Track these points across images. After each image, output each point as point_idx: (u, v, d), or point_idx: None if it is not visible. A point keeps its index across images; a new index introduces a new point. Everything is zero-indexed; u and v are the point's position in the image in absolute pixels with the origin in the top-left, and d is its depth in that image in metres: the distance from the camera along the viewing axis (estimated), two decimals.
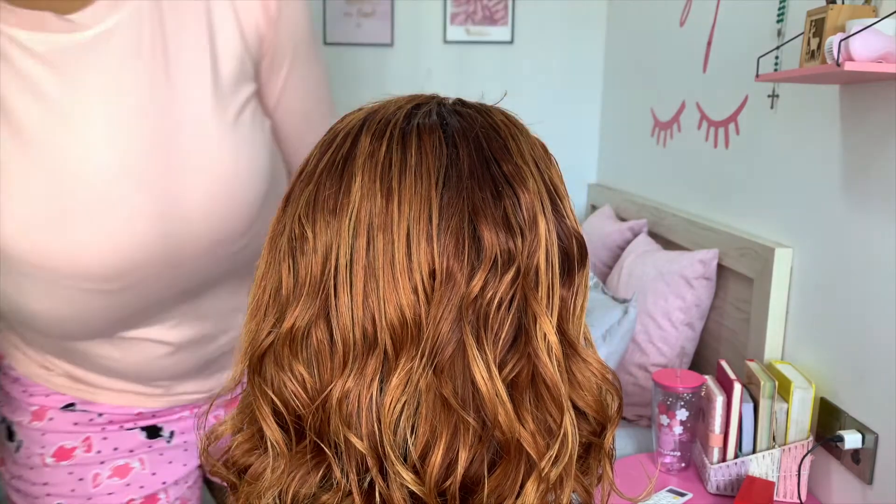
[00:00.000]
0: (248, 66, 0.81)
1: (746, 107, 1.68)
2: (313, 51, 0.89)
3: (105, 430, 0.91)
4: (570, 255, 0.48)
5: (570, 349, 0.48)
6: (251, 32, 0.80)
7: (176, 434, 0.95)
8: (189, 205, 0.76)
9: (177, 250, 0.77)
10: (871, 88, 1.23)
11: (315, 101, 0.92)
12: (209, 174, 0.76)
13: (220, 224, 0.78)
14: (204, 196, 0.76)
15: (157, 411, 0.93)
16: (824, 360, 1.35)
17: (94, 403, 0.91)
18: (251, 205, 0.80)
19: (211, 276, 0.84)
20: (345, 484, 0.46)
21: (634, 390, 1.77)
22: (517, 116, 0.53)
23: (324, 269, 0.46)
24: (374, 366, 0.45)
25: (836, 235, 1.32)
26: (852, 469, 1.25)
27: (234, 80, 0.79)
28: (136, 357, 0.86)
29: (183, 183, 0.75)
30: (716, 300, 1.75)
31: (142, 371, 0.88)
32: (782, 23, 1.51)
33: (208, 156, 0.76)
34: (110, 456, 0.91)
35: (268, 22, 0.80)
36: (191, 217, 0.76)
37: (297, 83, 0.87)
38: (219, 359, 0.93)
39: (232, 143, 0.77)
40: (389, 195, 0.45)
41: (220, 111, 0.77)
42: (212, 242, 0.79)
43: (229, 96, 0.78)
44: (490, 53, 2.77)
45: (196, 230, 0.77)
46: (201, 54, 0.76)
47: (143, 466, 0.93)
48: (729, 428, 1.33)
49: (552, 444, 0.46)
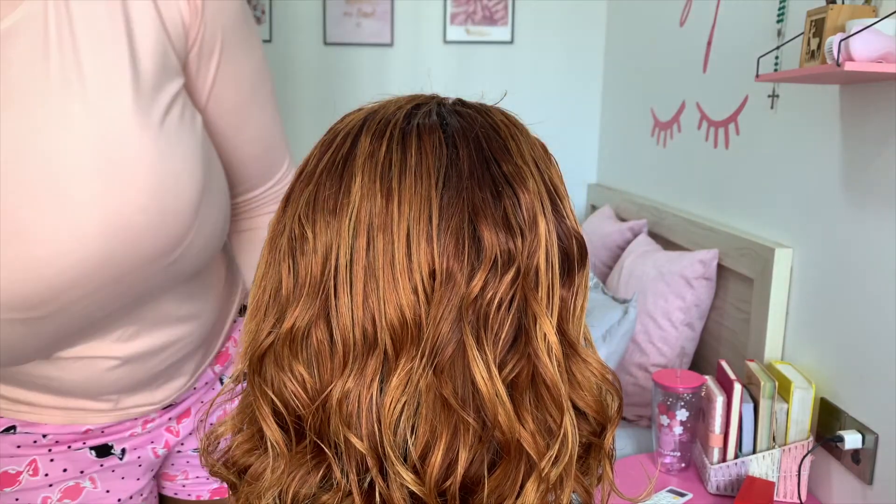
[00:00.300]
0: (173, 60, 0.73)
1: (746, 107, 1.68)
2: (247, 37, 0.82)
3: (52, 451, 0.86)
4: (570, 256, 0.48)
5: (570, 349, 0.48)
6: (174, 23, 0.72)
7: (128, 451, 0.90)
8: (112, 223, 0.68)
9: (104, 271, 0.70)
10: (871, 88, 1.23)
11: (251, 91, 0.84)
12: (134, 185, 0.68)
13: (149, 238, 0.70)
14: (128, 208, 0.68)
15: (105, 427, 0.88)
16: (824, 360, 1.35)
17: (38, 425, 0.85)
18: (183, 213, 0.72)
19: (146, 291, 0.77)
20: (345, 484, 0.46)
21: (634, 390, 1.77)
22: (517, 116, 0.53)
23: (324, 269, 0.46)
24: (374, 366, 0.45)
25: (836, 235, 1.32)
26: (852, 469, 1.25)
27: (157, 77, 0.71)
28: (78, 374, 0.81)
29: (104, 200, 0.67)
30: (716, 300, 1.75)
31: (87, 387, 0.83)
32: (782, 23, 1.51)
33: (132, 165, 0.68)
34: (59, 478, 0.86)
35: (191, 11, 0.73)
36: (114, 237, 0.68)
37: (230, 73, 0.80)
38: (167, 369, 0.87)
39: (158, 149, 0.69)
40: (389, 195, 0.45)
41: (142, 114, 0.69)
42: (142, 258, 0.72)
43: (152, 96, 0.70)
44: (490, 53, 2.77)
45: (122, 247, 0.69)
46: (118, 53, 0.68)
47: (94, 485, 0.88)
48: (729, 428, 1.33)
49: (552, 445, 0.46)
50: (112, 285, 0.72)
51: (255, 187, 0.92)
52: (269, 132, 0.89)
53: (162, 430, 0.93)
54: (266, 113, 0.87)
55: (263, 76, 0.86)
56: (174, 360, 0.87)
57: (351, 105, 0.53)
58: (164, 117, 0.71)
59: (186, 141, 0.73)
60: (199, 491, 1.01)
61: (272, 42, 2.72)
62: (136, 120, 0.68)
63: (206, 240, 0.80)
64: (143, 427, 0.91)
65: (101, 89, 0.67)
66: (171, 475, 1.01)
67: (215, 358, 0.97)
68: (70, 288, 0.69)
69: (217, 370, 0.98)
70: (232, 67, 0.80)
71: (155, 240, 0.71)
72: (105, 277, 0.70)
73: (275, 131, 0.90)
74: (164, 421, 0.93)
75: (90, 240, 0.67)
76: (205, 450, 0.53)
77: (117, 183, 0.67)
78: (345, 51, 2.74)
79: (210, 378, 0.97)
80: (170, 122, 0.71)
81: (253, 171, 0.89)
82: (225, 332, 0.98)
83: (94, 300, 0.72)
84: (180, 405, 0.94)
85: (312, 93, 2.76)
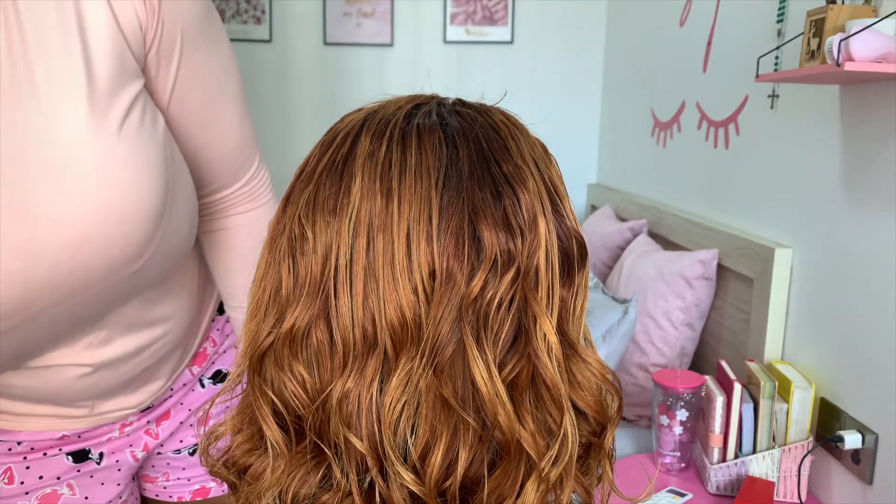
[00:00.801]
0: (131, 63, 0.70)
1: (746, 107, 1.68)
2: (209, 36, 0.79)
3: (27, 458, 0.84)
4: (570, 256, 0.48)
5: (570, 349, 0.48)
6: (130, 24, 0.69)
7: (106, 455, 0.90)
8: (73, 231, 0.66)
9: (65, 283, 0.68)
10: (871, 88, 1.23)
11: (215, 91, 0.81)
12: (92, 196, 0.66)
13: (111, 247, 0.69)
14: (89, 220, 0.66)
15: (82, 432, 0.87)
16: (824, 360, 1.35)
17: (11, 432, 0.83)
18: (146, 221, 0.70)
19: (113, 298, 0.76)
20: (345, 484, 0.46)
21: (634, 390, 1.77)
22: (517, 116, 0.53)
23: (324, 269, 0.46)
24: (374, 366, 0.45)
25: (836, 235, 1.32)
26: (852, 469, 1.25)
27: (113, 81, 0.68)
28: (50, 383, 0.79)
29: (62, 208, 0.65)
30: (716, 300, 1.75)
31: (60, 395, 0.81)
32: (782, 23, 1.51)
33: (90, 174, 0.65)
34: (35, 485, 0.85)
35: (147, 11, 0.70)
36: (76, 245, 0.66)
37: (192, 74, 0.77)
38: (143, 373, 0.86)
39: (116, 157, 0.67)
40: (389, 195, 0.45)
41: (98, 121, 0.66)
42: (107, 267, 0.70)
43: (109, 102, 0.67)
44: (490, 53, 2.77)
45: (84, 258, 0.67)
46: (71, 58, 0.65)
47: (72, 492, 0.87)
48: (729, 428, 1.33)
49: (552, 445, 0.46)
50: (76, 295, 0.70)
51: (225, 187, 0.89)
52: (237, 132, 0.86)
53: (140, 433, 0.92)
54: (232, 112, 0.85)
55: (229, 75, 0.83)
56: (149, 364, 0.86)
57: (351, 105, 0.53)
58: (123, 123, 0.68)
59: (146, 146, 0.70)
60: (181, 492, 1.00)
61: (272, 42, 2.72)
62: (92, 127, 0.66)
63: (173, 244, 0.78)
64: (120, 431, 0.90)
65: (54, 97, 0.64)
66: (151, 477, 1.00)
67: (192, 359, 0.96)
68: (35, 299, 0.67)
69: (195, 371, 0.97)
70: (194, 68, 0.77)
71: (118, 249, 0.69)
72: (69, 287, 0.69)
73: (243, 130, 0.87)
74: (143, 424, 0.92)
75: (53, 251, 0.65)
76: (204, 450, 0.53)
77: (75, 193, 0.65)
78: (345, 51, 2.74)
79: (188, 379, 0.96)
80: (128, 127, 0.68)
81: (220, 171, 0.86)
82: (202, 332, 0.96)
83: (61, 310, 0.71)
84: (159, 408, 0.93)
85: (312, 93, 2.76)
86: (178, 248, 0.81)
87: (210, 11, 0.79)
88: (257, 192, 0.92)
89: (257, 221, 0.92)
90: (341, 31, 2.72)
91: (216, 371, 1.00)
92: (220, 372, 1.00)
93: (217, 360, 1.00)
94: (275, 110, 2.75)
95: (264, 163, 0.93)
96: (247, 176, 0.90)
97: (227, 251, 0.92)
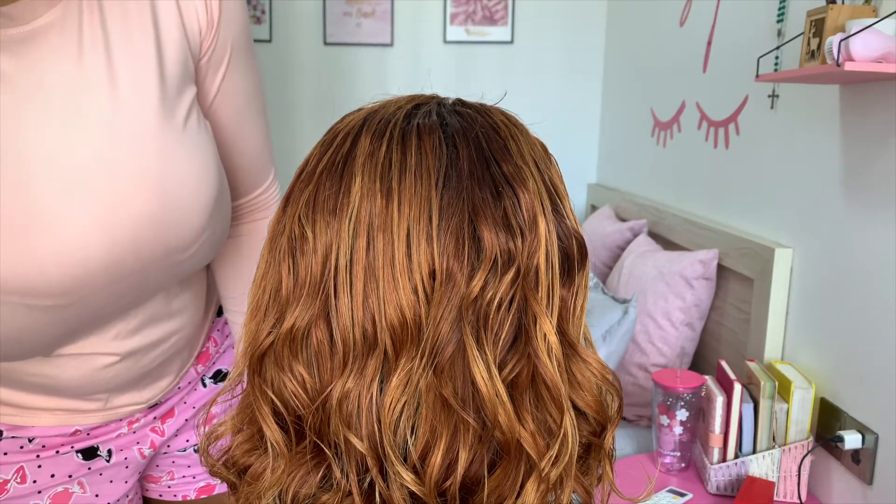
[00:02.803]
0: (191, 68, 0.77)
1: (746, 107, 1.68)
2: (249, 51, 0.85)
3: (39, 457, 0.86)
4: (570, 256, 0.48)
5: (570, 349, 0.48)
6: (193, 32, 0.76)
7: (114, 452, 0.91)
8: (139, 216, 0.71)
9: (126, 262, 0.73)
10: (871, 88, 1.23)
11: (247, 103, 0.87)
12: (160, 184, 0.72)
13: (171, 234, 0.74)
14: (155, 207, 0.72)
15: (92, 428, 0.88)
16: (824, 360, 1.35)
17: (24, 428, 0.85)
18: (202, 212, 0.76)
19: (158, 285, 0.81)
20: (345, 484, 0.46)
21: (634, 390, 1.77)
22: (517, 116, 0.53)
23: (324, 269, 0.46)
24: (374, 366, 0.45)
25: (836, 235, 1.32)
26: (852, 469, 1.25)
27: (179, 82, 0.74)
28: (73, 372, 0.82)
29: (132, 194, 0.70)
30: (716, 300, 1.75)
31: (79, 386, 0.83)
32: (782, 23, 1.51)
33: (158, 164, 0.71)
34: (47, 484, 0.86)
35: (209, 21, 0.77)
36: (141, 228, 0.72)
37: (232, 85, 0.83)
38: (156, 368, 0.89)
39: (182, 150, 0.73)
40: (389, 195, 0.45)
41: (167, 117, 0.72)
42: (163, 252, 0.75)
43: (176, 100, 0.74)
44: (490, 53, 2.77)
45: (146, 241, 0.73)
46: (147, 56, 0.71)
47: (83, 490, 0.88)
48: (729, 428, 1.33)
49: (552, 445, 0.46)
50: (132, 276, 0.75)
51: (243, 195, 0.94)
52: (260, 144, 0.91)
53: (147, 430, 0.93)
54: (258, 125, 0.90)
55: (259, 89, 0.90)
56: (165, 358, 0.89)
57: (351, 105, 0.53)
58: (186, 121, 0.75)
59: (205, 144, 0.77)
60: (185, 490, 1.00)
61: (272, 42, 2.72)
62: (163, 122, 0.72)
63: (218, 237, 0.84)
64: (128, 427, 0.91)
65: (131, 89, 0.70)
66: (155, 477, 1.00)
67: (197, 358, 0.98)
68: (94, 276, 0.71)
69: (199, 370, 0.99)
70: (234, 80, 0.83)
71: (176, 234, 0.75)
72: (128, 268, 0.73)
73: (265, 143, 0.93)
74: (150, 421, 0.93)
75: (117, 231, 0.70)
76: (204, 450, 0.53)
77: (144, 180, 0.71)
78: (345, 51, 2.74)
79: (193, 378, 0.98)
80: (191, 125, 0.75)
81: (241, 180, 0.91)
82: (206, 330, 0.99)
83: (116, 290, 0.75)
84: (164, 405, 0.95)
85: (312, 93, 2.76)
86: (219, 243, 0.86)
87: (251, 38, 0.86)
88: (270, 203, 0.97)
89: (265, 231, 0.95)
90: (341, 31, 2.72)
91: (217, 370, 1.01)
92: (220, 371, 1.02)
93: (218, 359, 1.02)
94: (275, 110, 2.75)
95: (277, 177, 0.99)
96: (263, 186, 0.95)
97: (236, 256, 0.96)
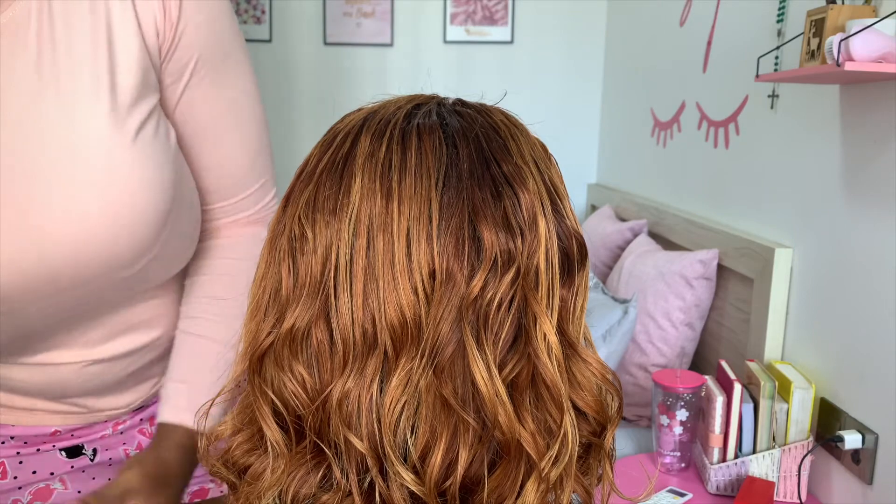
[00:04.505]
0: (153, 77, 0.74)
1: (746, 107, 1.68)
2: (229, 63, 0.79)
3: (20, 453, 0.85)
4: (570, 256, 0.48)
5: (570, 349, 0.48)
6: (151, 37, 0.72)
7: (99, 451, 0.90)
8: (78, 227, 0.68)
9: (64, 276, 0.70)
10: (871, 88, 1.23)
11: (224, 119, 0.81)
12: (103, 194, 0.69)
13: (111, 249, 0.71)
14: (96, 218, 0.69)
15: (75, 429, 0.87)
16: (824, 360, 1.35)
17: (4, 426, 0.84)
18: (151, 225, 0.72)
19: (112, 298, 0.78)
20: (345, 484, 0.46)
21: (634, 390, 1.77)
22: (517, 116, 0.53)
23: (324, 269, 0.46)
24: (374, 366, 0.45)
25: (836, 235, 1.32)
26: (852, 469, 1.25)
27: (136, 92, 0.71)
28: (42, 377, 0.80)
29: (70, 206, 0.68)
30: (716, 300, 1.75)
31: (53, 390, 0.82)
32: (782, 23, 1.51)
33: (101, 177, 0.68)
34: (28, 480, 0.85)
35: (167, 25, 0.73)
36: (80, 240, 0.69)
37: (201, 96, 0.78)
38: (135, 373, 0.86)
39: (129, 162, 0.69)
40: (389, 195, 0.45)
41: (116, 129, 0.69)
42: (104, 268, 0.72)
43: (129, 110, 0.70)
44: (490, 53, 2.77)
45: (84, 255, 0.70)
46: (98, 68, 0.69)
47: (65, 487, 0.88)
48: (729, 428, 1.33)
49: (552, 445, 0.46)
50: (75, 289, 0.72)
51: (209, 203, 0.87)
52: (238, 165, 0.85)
53: (135, 431, 0.92)
54: (240, 137, 0.84)
55: (247, 100, 0.82)
56: (144, 363, 0.86)
57: (351, 105, 0.53)
58: (138, 132, 0.71)
59: (158, 156, 0.73)
60: None
61: (272, 42, 2.72)
62: (109, 134, 0.69)
63: (175, 251, 0.80)
64: (114, 429, 0.90)
65: (78, 102, 0.68)
66: None
67: None
68: (32, 289, 0.69)
69: None
70: (204, 87, 0.78)
71: (120, 249, 0.72)
72: (68, 280, 0.70)
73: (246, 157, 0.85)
74: (136, 423, 0.92)
75: (57, 243, 0.68)
76: (204, 450, 0.53)
77: (86, 191, 0.68)
78: (345, 51, 2.74)
79: None
80: (143, 137, 0.72)
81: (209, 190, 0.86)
82: None
83: (56, 303, 0.72)
84: (152, 407, 0.93)
85: (312, 93, 2.76)
86: (179, 256, 0.82)
87: (232, 49, 0.80)
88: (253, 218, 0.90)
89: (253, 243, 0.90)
90: (341, 31, 2.72)
91: None
92: None
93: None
94: (275, 110, 2.75)
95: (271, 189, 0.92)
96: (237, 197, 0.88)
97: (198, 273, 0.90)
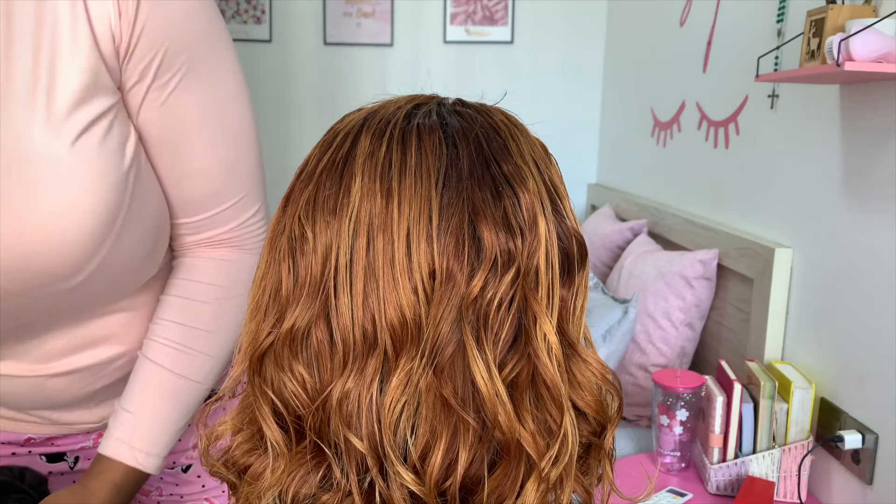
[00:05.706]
0: (105, 79, 0.68)
1: (746, 107, 1.68)
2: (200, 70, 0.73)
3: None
4: (570, 256, 0.48)
5: (570, 349, 0.48)
6: (104, 36, 0.67)
7: (81, 460, 0.88)
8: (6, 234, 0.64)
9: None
10: (871, 88, 1.23)
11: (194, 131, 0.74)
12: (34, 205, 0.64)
13: (45, 259, 0.66)
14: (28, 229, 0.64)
15: (53, 438, 0.84)
16: (824, 360, 1.35)
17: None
18: (91, 236, 0.67)
19: (55, 310, 0.74)
20: (345, 484, 0.46)
21: (634, 390, 1.77)
22: (517, 116, 0.53)
23: (324, 269, 0.46)
24: (374, 366, 0.45)
25: (836, 235, 1.32)
26: (852, 469, 1.25)
27: (79, 94, 0.65)
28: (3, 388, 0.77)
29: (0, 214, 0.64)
30: (716, 300, 1.75)
31: (13, 401, 0.79)
32: (782, 23, 1.51)
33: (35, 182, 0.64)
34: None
35: (123, 24, 0.67)
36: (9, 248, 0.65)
37: (169, 103, 0.72)
38: (107, 388, 0.82)
39: (64, 169, 0.65)
40: (389, 195, 0.45)
41: (50, 133, 0.64)
42: (38, 281, 0.68)
43: (69, 113, 0.65)
44: (490, 53, 2.77)
45: (18, 264, 0.65)
46: (37, 65, 0.64)
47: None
48: (729, 428, 1.33)
49: (552, 445, 0.46)
50: (13, 299, 0.68)
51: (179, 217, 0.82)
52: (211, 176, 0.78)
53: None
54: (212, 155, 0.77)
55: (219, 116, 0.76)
56: (113, 379, 0.82)
57: (351, 105, 0.53)
58: (78, 137, 0.66)
59: (102, 163, 0.67)
60: None
61: (272, 42, 2.72)
62: (41, 139, 0.64)
63: (122, 266, 0.74)
64: (94, 442, 0.87)
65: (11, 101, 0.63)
66: (145, 490, 0.96)
67: None
68: None
69: None
70: (168, 95, 0.72)
71: (53, 262, 0.67)
72: (3, 290, 0.67)
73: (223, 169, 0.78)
74: None
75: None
76: (205, 450, 0.53)
77: (17, 199, 0.64)
78: (345, 51, 2.74)
79: None
80: (86, 141, 0.66)
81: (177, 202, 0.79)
82: None
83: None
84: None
85: (312, 93, 2.76)
86: (132, 271, 0.77)
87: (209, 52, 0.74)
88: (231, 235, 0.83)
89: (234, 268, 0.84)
90: (341, 31, 2.72)
91: None
92: None
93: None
94: (275, 110, 2.75)
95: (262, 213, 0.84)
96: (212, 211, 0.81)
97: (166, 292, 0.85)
